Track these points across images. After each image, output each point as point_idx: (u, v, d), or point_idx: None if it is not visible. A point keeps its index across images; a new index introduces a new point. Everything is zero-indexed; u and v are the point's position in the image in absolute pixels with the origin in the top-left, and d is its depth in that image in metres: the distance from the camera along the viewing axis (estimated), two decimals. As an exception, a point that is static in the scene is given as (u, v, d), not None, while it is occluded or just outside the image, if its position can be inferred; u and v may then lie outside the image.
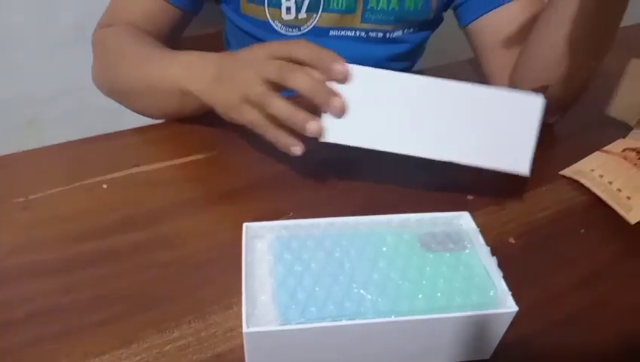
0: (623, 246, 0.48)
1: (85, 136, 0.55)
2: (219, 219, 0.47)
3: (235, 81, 0.47)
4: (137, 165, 0.51)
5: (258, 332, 0.30)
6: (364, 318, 0.32)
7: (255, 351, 0.32)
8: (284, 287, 0.33)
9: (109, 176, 0.49)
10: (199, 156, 0.54)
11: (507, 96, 0.46)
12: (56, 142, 0.53)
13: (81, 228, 0.44)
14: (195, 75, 0.51)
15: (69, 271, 0.40)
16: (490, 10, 0.65)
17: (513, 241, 0.46)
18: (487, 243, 0.37)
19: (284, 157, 0.47)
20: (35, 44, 1.06)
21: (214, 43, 0.82)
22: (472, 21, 0.68)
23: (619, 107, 0.62)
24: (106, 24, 0.64)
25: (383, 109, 0.44)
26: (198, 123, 0.57)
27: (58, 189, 0.48)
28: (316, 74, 0.43)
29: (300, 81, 0.43)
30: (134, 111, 0.59)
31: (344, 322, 0.31)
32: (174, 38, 0.66)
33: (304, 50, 0.44)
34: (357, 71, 0.43)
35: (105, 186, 0.49)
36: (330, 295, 0.33)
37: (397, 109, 0.45)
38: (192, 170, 0.52)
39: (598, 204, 0.51)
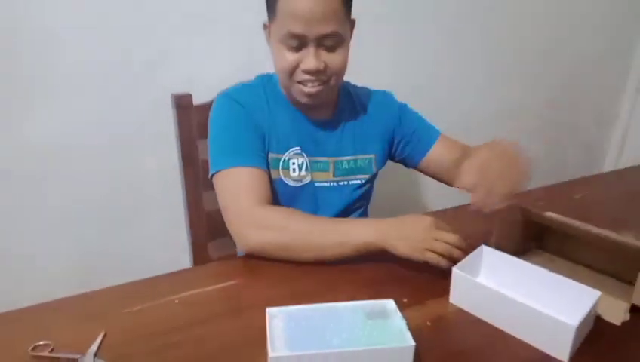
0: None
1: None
2: (248, 312, 0.76)
3: (415, 241, 0.82)
4: (196, 288, 0.82)
5: (277, 356, 0.59)
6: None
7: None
8: (290, 339, 0.62)
9: (179, 296, 0.80)
10: (233, 282, 0.85)
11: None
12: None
13: (161, 327, 0.73)
14: (385, 235, 0.84)
15: (156, 353, 0.69)
16: (428, 150, 1.12)
17: (429, 324, 0.75)
18: (405, 317, 0.67)
19: (279, 283, 0.79)
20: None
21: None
22: (422, 159, 1.13)
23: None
24: (255, 201, 0.89)
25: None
26: (228, 265, 0.89)
27: (151, 303, 0.78)
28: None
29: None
30: (299, 260, 0.86)
31: (322, 351, 0.60)
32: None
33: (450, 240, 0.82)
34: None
35: (177, 301, 0.79)
36: (315, 341, 0.62)
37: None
38: (229, 290, 0.84)
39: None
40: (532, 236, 0.94)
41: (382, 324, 0.65)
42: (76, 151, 1.30)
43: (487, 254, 0.84)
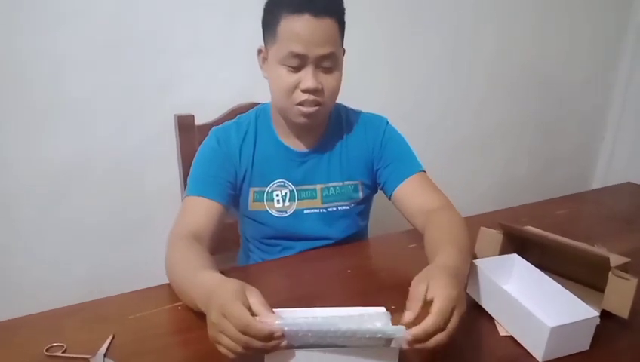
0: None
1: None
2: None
3: (209, 319, 0.66)
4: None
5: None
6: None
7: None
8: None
9: (182, 302, 0.86)
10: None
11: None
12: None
13: (165, 329, 0.79)
14: (199, 293, 0.74)
15: (160, 352, 0.74)
16: (399, 184, 1.10)
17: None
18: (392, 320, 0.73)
19: (274, 292, 0.84)
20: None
21: (234, 230, 1.26)
22: (393, 193, 1.11)
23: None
24: (179, 233, 0.92)
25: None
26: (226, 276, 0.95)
27: (155, 310, 0.84)
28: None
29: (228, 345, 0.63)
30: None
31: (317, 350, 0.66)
32: (219, 230, 1.01)
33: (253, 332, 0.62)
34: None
35: (179, 308, 0.84)
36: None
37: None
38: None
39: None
40: (514, 249, 1.01)
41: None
42: (89, 170, 1.38)
43: (518, 263, 0.93)
